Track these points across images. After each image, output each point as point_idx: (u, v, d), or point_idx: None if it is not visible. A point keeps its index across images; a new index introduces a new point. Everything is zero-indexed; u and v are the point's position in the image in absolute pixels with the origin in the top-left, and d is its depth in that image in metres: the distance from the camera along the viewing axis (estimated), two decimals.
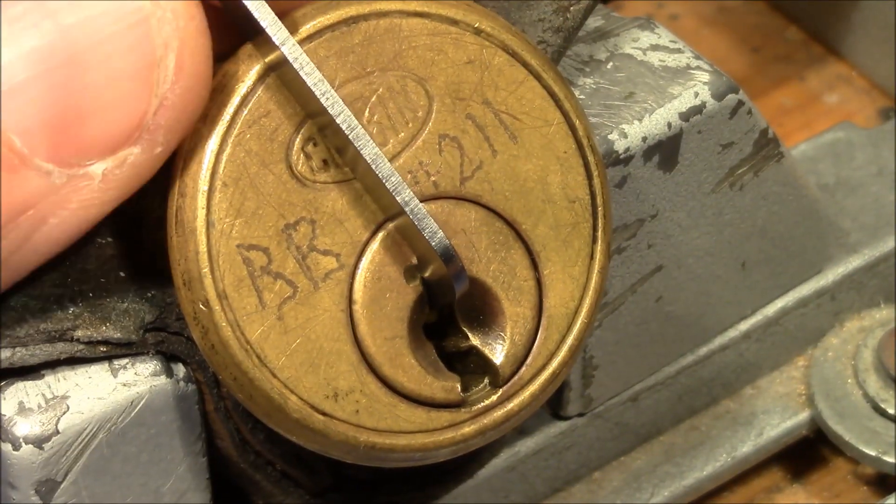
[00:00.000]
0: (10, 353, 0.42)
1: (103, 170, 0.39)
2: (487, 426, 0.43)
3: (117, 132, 0.39)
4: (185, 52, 0.39)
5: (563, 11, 0.48)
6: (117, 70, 0.39)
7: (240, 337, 0.41)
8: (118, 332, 0.43)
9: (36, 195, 0.39)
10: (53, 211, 0.39)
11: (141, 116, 0.39)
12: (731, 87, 0.53)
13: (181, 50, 0.39)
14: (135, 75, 0.39)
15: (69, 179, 0.39)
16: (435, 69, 0.43)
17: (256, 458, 0.48)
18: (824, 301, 0.61)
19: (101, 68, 0.38)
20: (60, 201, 0.39)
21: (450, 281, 0.42)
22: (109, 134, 0.39)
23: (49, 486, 0.43)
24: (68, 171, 0.39)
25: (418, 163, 0.43)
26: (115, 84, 0.39)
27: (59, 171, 0.39)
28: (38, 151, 0.38)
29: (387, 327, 0.42)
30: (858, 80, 0.75)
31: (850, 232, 0.62)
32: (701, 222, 0.55)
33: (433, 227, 0.42)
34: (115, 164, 0.39)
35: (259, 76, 0.41)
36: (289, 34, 0.40)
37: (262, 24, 0.40)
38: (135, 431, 0.44)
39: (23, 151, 0.38)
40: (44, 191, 0.39)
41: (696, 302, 0.58)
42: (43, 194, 0.39)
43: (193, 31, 0.39)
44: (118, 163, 0.39)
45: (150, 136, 0.40)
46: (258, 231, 0.41)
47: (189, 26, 0.39)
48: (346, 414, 0.42)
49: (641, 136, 0.51)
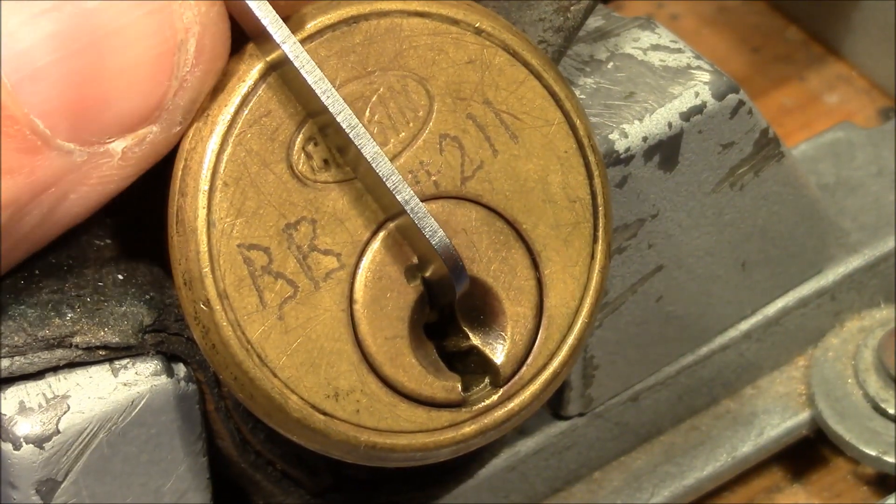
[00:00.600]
0: (9, 363, 0.42)
1: (123, 147, 0.40)
2: (488, 426, 0.43)
3: (137, 113, 0.40)
4: (205, 36, 0.40)
5: (563, 11, 0.48)
6: (138, 54, 0.39)
7: (240, 336, 0.41)
8: (116, 337, 0.43)
9: (58, 173, 0.39)
10: (74, 187, 0.40)
11: (160, 98, 0.40)
12: (732, 87, 0.53)
13: (202, 34, 0.40)
14: (156, 59, 0.39)
15: (90, 157, 0.40)
16: (436, 69, 0.43)
17: (257, 457, 0.48)
18: (824, 301, 0.61)
19: (122, 52, 0.39)
20: (81, 178, 0.40)
21: (450, 280, 0.42)
22: (129, 114, 0.40)
23: (49, 486, 0.43)
24: (89, 149, 0.39)
25: (419, 162, 0.43)
26: (137, 68, 0.39)
27: (79, 150, 0.39)
28: (60, 132, 0.39)
29: (387, 327, 0.42)
30: (858, 80, 0.75)
31: (850, 232, 0.62)
32: (701, 222, 0.55)
33: (433, 227, 0.42)
34: (134, 142, 0.40)
35: (260, 75, 0.41)
36: (290, 33, 0.40)
37: (263, 22, 0.40)
38: (135, 431, 0.44)
39: (45, 133, 0.39)
40: (65, 169, 0.39)
41: (696, 302, 0.58)
42: (64, 172, 0.39)
43: (214, 15, 0.40)
44: (137, 141, 0.40)
45: (170, 115, 0.40)
46: (259, 231, 0.41)
47: (210, 11, 0.40)
48: (346, 414, 0.42)
49: (642, 135, 0.51)
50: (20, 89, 0.38)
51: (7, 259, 0.41)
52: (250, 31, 0.41)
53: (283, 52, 0.40)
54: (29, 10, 0.38)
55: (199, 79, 0.40)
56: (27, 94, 0.38)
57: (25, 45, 0.38)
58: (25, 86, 0.38)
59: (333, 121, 0.41)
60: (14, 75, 0.38)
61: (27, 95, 0.38)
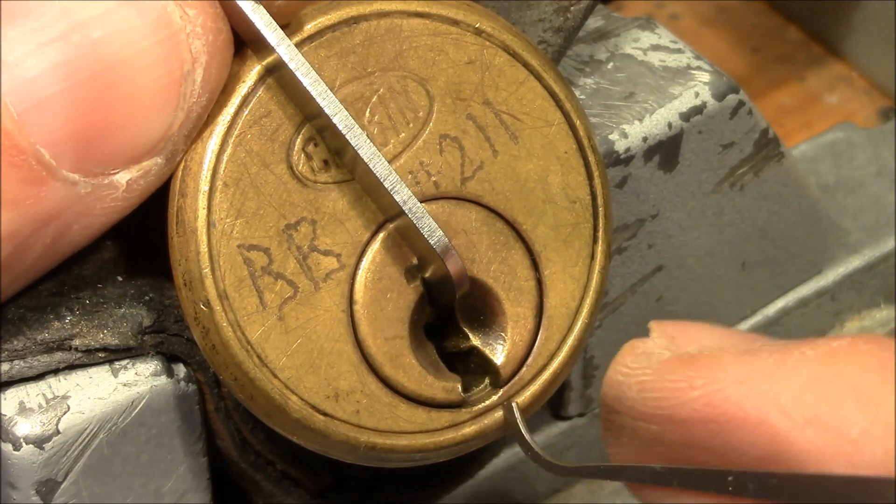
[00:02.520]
0: (9, 367, 0.42)
1: (127, 179, 0.39)
2: (488, 426, 0.43)
3: (143, 145, 0.39)
4: (212, 65, 0.39)
5: (563, 11, 0.48)
6: (146, 85, 0.38)
7: (240, 337, 0.41)
8: (116, 339, 0.43)
9: (62, 205, 0.39)
10: (78, 219, 0.39)
11: (167, 129, 0.39)
12: (732, 87, 0.53)
13: (209, 63, 0.39)
14: (163, 90, 0.39)
15: (94, 189, 0.39)
16: (436, 69, 0.43)
17: (257, 458, 0.48)
18: (824, 301, 0.61)
19: (129, 83, 0.38)
20: (85, 209, 0.39)
21: (450, 281, 0.42)
22: (135, 146, 0.39)
23: (49, 486, 0.43)
24: (93, 180, 0.39)
25: (419, 163, 0.43)
26: (143, 98, 0.39)
27: (84, 181, 0.39)
28: (65, 163, 0.38)
29: (387, 327, 0.42)
30: (858, 80, 0.75)
31: (850, 232, 0.62)
32: (701, 222, 0.55)
33: (432, 227, 0.42)
34: (139, 174, 0.40)
35: (260, 76, 0.41)
36: (285, 36, 0.40)
37: (258, 27, 0.40)
38: (135, 431, 0.44)
39: (51, 163, 0.38)
40: (70, 201, 0.39)
41: (696, 302, 0.57)
42: (69, 204, 0.39)
43: (221, 44, 0.39)
44: (143, 173, 0.40)
45: (173, 146, 0.40)
46: (259, 231, 0.41)
47: (217, 41, 0.39)
48: (346, 414, 0.42)
49: (642, 136, 0.51)
50: (26, 119, 0.37)
51: (8, 290, 0.41)
52: (247, 36, 0.41)
53: (279, 55, 0.40)
54: (36, 40, 0.37)
55: (203, 107, 0.40)
56: (33, 123, 0.38)
57: (32, 75, 0.37)
58: (31, 115, 0.37)
59: (330, 123, 0.41)
60: (20, 105, 0.37)
61: (33, 125, 0.38)
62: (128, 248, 0.45)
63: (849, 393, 0.35)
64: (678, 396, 0.38)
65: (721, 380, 0.37)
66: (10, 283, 0.41)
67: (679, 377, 0.38)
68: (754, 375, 0.37)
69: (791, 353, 0.37)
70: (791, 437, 0.35)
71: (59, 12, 0.38)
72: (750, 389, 0.36)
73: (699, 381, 0.37)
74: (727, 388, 0.37)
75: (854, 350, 0.36)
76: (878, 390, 0.35)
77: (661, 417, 0.38)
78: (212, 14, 0.39)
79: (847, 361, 0.36)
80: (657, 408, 0.38)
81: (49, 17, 0.37)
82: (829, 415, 0.35)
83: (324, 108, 0.41)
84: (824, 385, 0.35)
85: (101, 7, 0.38)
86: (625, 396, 0.40)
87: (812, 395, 0.35)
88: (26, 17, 0.37)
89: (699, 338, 0.40)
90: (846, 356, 0.36)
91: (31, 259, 0.40)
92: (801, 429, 0.35)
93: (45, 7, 0.38)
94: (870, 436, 0.34)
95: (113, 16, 0.38)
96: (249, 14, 0.40)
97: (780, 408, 0.36)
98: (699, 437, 0.37)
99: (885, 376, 0.35)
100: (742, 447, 0.36)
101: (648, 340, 0.40)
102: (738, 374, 0.37)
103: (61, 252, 0.40)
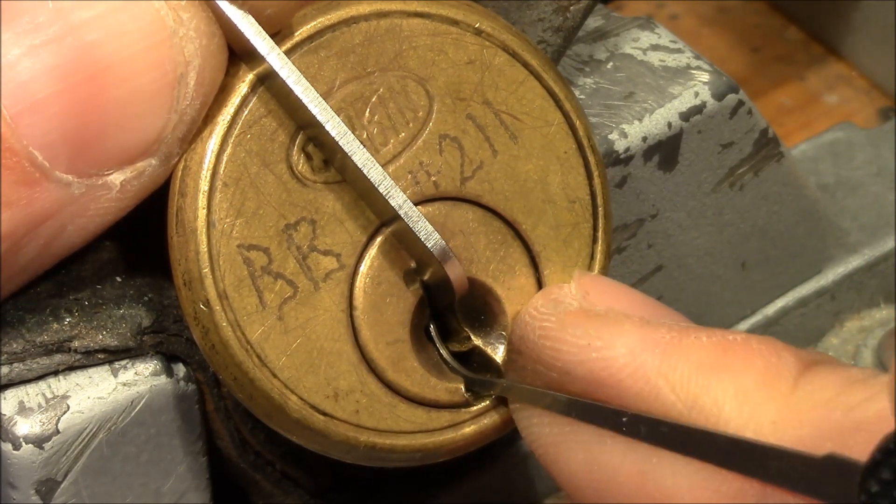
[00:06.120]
0: (8, 370, 0.42)
1: (121, 180, 0.39)
2: (488, 426, 0.43)
3: (136, 146, 0.39)
4: (206, 69, 0.39)
5: (562, 11, 0.48)
6: (139, 87, 0.39)
7: (240, 337, 0.41)
8: (115, 340, 0.43)
9: (56, 206, 0.39)
10: (72, 219, 0.39)
11: (160, 131, 0.39)
12: (732, 87, 0.53)
13: (202, 67, 0.39)
14: (157, 93, 0.39)
15: (88, 189, 0.39)
16: (435, 69, 0.43)
17: (256, 458, 0.48)
18: (824, 301, 0.61)
19: (123, 85, 0.38)
20: (79, 210, 0.39)
21: (449, 284, 0.42)
22: (129, 147, 0.39)
23: (49, 486, 0.43)
24: (87, 181, 0.39)
25: (419, 163, 0.43)
26: (137, 101, 0.39)
27: (78, 182, 0.39)
28: (59, 164, 0.38)
29: (388, 332, 0.42)
30: (858, 80, 0.75)
31: (850, 232, 0.62)
32: (701, 222, 0.55)
33: (428, 230, 0.42)
34: (133, 175, 0.40)
35: (252, 84, 0.41)
36: (275, 45, 0.40)
37: (247, 37, 0.40)
38: (135, 431, 0.44)
39: (44, 165, 0.38)
40: (64, 201, 0.39)
41: (696, 302, 0.57)
42: (63, 205, 0.39)
43: (215, 48, 0.39)
44: (136, 174, 0.40)
45: (168, 148, 0.40)
46: (259, 231, 0.41)
47: (210, 44, 0.39)
48: (346, 414, 0.42)
49: (641, 135, 0.51)
50: (19, 121, 0.37)
51: (3, 290, 0.41)
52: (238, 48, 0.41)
53: (269, 64, 0.40)
54: (29, 42, 0.37)
55: (197, 110, 0.40)
56: (26, 126, 0.38)
57: (25, 77, 0.37)
58: (25, 118, 0.37)
59: (323, 131, 0.41)
60: (13, 107, 0.37)
61: (26, 127, 0.38)
62: (126, 248, 0.45)
63: (730, 389, 0.37)
64: (577, 353, 0.39)
65: (618, 346, 0.39)
66: (5, 283, 0.41)
67: (579, 332, 0.39)
68: (648, 349, 0.38)
69: (689, 335, 0.38)
70: (679, 418, 0.37)
71: (52, 15, 0.38)
72: (644, 364, 0.38)
73: (598, 343, 0.39)
74: (622, 356, 0.38)
75: (745, 347, 0.38)
76: (758, 393, 0.36)
77: (559, 369, 0.40)
78: (205, 18, 0.39)
79: (736, 357, 0.37)
80: (555, 359, 0.40)
81: (43, 19, 0.38)
82: (709, 406, 0.37)
83: (316, 115, 0.40)
84: (709, 375, 0.37)
85: (95, 10, 0.38)
86: (527, 338, 0.41)
87: (697, 383, 0.37)
88: (20, 19, 0.37)
89: (612, 300, 0.41)
90: (736, 352, 0.38)
91: (26, 259, 0.40)
92: (688, 411, 0.37)
93: (38, 9, 0.38)
94: (743, 434, 0.36)
95: (106, 19, 0.38)
96: (238, 24, 0.40)
97: (672, 387, 0.37)
98: (595, 395, 0.39)
99: (767, 379, 0.37)
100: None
101: (564, 287, 0.42)
102: (633, 344, 0.38)
103: (56, 253, 0.40)
